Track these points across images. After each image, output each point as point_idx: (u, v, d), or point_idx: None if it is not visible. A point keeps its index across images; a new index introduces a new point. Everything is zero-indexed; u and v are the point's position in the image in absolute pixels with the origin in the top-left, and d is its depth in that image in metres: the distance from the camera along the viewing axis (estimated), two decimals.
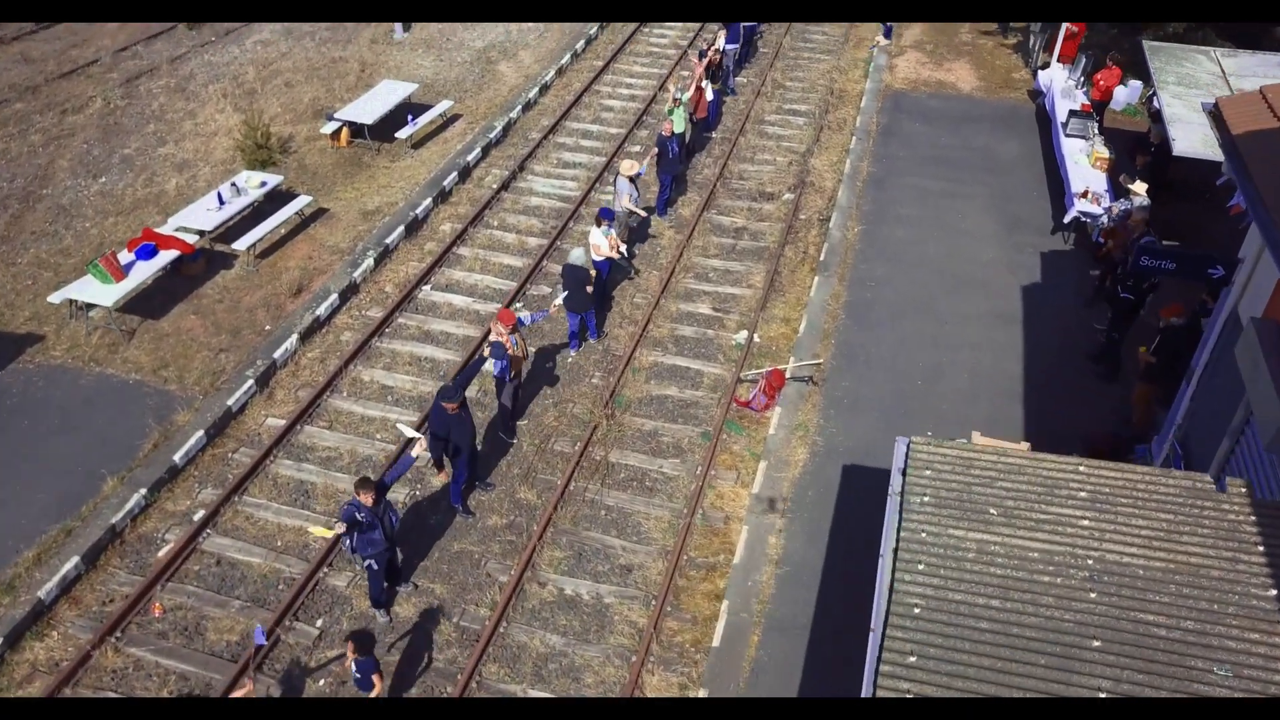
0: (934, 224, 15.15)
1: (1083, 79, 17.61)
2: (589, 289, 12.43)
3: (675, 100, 15.96)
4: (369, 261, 14.28)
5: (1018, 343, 12.63)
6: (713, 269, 14.70)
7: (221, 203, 14.18)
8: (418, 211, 15.54)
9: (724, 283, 14.41)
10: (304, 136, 17.80)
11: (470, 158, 17.13)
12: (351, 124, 17.23)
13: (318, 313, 13.21)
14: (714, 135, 18.52)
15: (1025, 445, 9.83)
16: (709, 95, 17.44)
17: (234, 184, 14.45)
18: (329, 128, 17.14)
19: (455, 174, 16.61)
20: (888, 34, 21.64)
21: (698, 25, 22.99)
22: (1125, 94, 18.13)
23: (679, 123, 16.20)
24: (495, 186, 16.63)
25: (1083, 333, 12.80)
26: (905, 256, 14.38)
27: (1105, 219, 13.31)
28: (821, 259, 14.40)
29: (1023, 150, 17.27)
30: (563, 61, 20.93)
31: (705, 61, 17.96)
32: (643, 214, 14.74)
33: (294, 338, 12.75)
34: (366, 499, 8.43)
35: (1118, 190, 14.46)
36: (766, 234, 15.50)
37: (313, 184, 16.37)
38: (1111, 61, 16.80)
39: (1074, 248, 14.61)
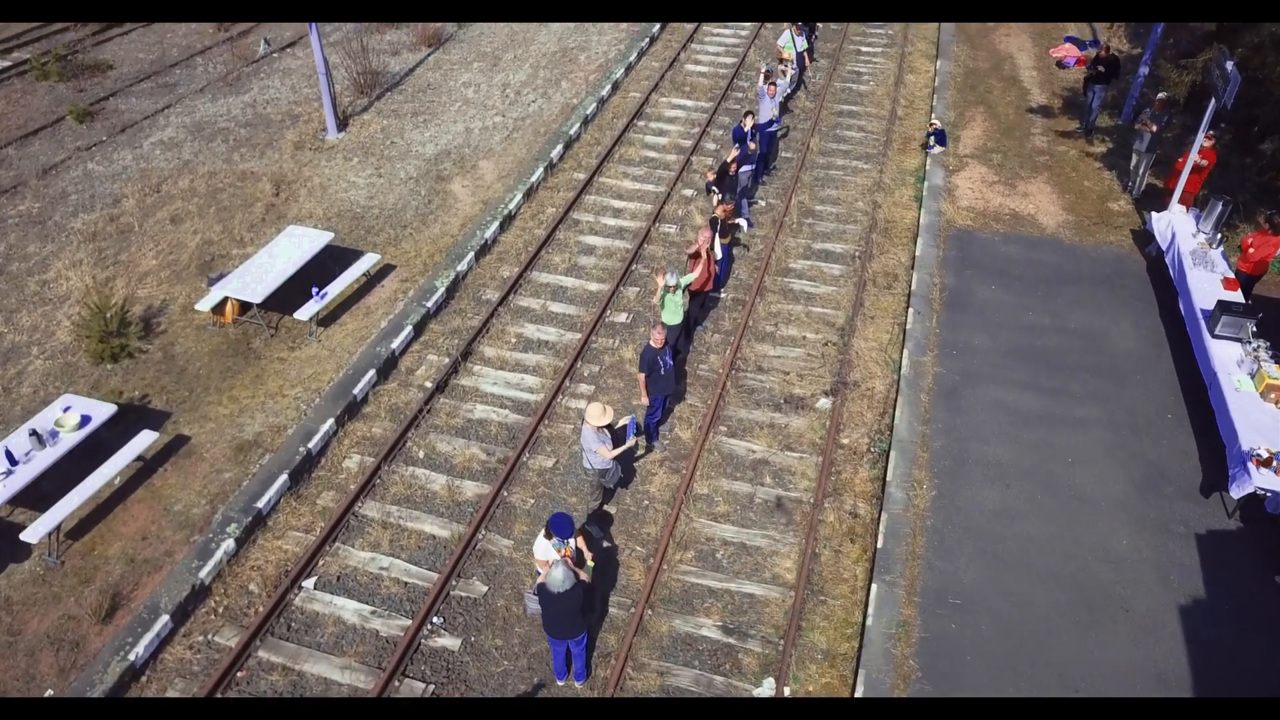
0: (1035, 478, 10.70)
1: (1219, 236, 13.14)
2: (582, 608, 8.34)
3: (670, 288, 11.56)
4: (228, 544, 9.91)
5: None
6: (722, 544, 10.30)
7: (12, 464, 9.82)
8: (313, 443, 11.17)
9: (739, 572, 10.00)
10: (180, 304, 13.44)
11: (397, 342, 12.75)
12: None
13: (133, 655, 8.83)
14: (723, 295, 14.12)
15: None
16: (718, 253, 13.04)
17: (34, 431, 10.06)
18: (207, 302, 12.77)
19: (373, 371, 12.24)
20: (942, 139, 17.18)
21: (706, 119, 18.59)
22: None
23: (672, 314, 11.81)
24: (429, 386, 12.27)
25: None
26: (1000, 545, 9.93)
27: None
28: (880, 544, 9.96)
29: (1142, 337, 12.80)
30: (534, 178, 16.53)
31: (716, 208, 13.58)
32: (620, 474, 10.39)
33: None
34: None
35: None
36: (797, 475, 11.10)
37: (175, 391, 12.00)
38: (1268, 223, 12.34)
39: (1244, 525, 10.16)
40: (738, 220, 14.26)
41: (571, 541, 8.65)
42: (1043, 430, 11.31)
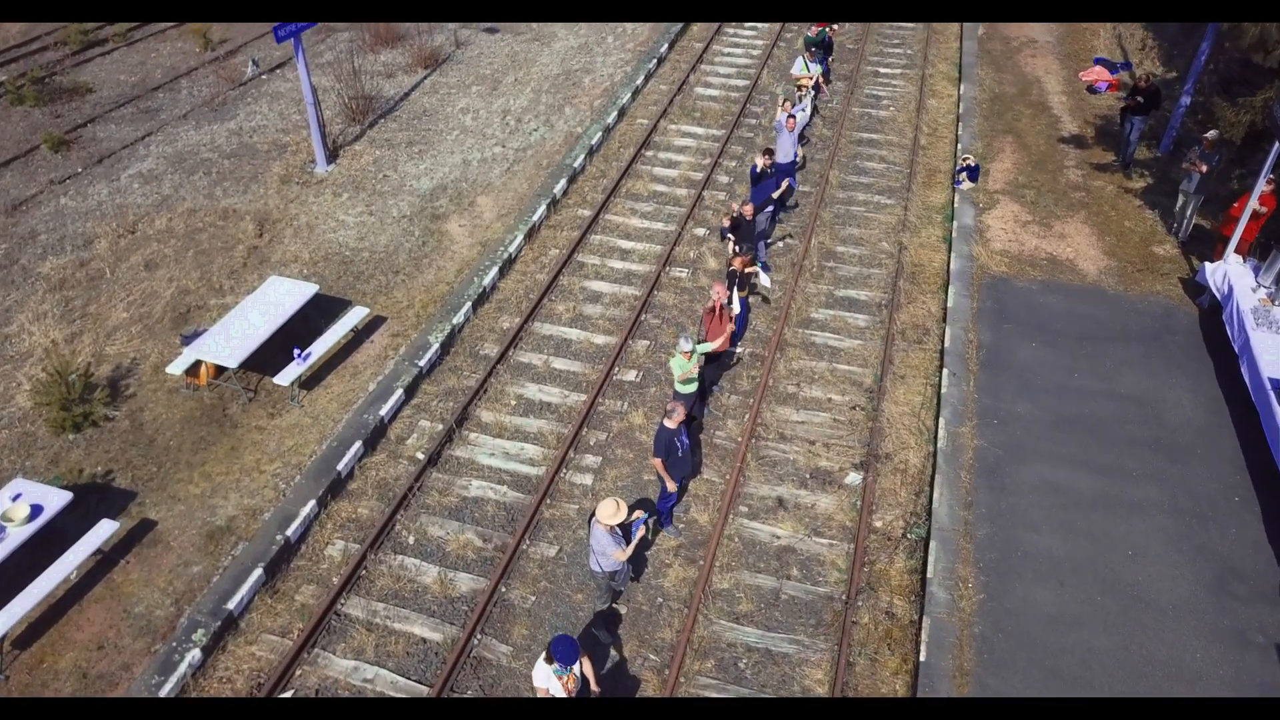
0: (1093, 576, 9.63)
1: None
2: None
3: (685, 353, 10.50)
4: (194, 655, 8.85)
5: None
6: (745, 650, 9.23)
7: None
8: (291, 530, 10.10)
9: (764, 685, 8.91)
10: (152, 363, 12.39)
11: (386, 407, 11.69)
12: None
13: None
14: (740, 350, 13.06)
15: None
16: (735, 308, 11.96)
17: None
18: (179, 364, 11.70)
19: (360, 443, 11.19)
20: (973, 175, 16.11)
21: (718, 149, 17.52)
22: None
23: (688, 382, 10.74)
24: (420, 458, 11.23)
25: None
26: (1058, 660, 8.84)
27: None
28: (923, 657, 8.90)
29: (1200, 404, 11.72)
30: (535, 216, 15.46)
31: (733, 259, 12.52)
32: (631, 573, 9.36)
33: None
34: None
35: None
36: (827, 565, 10.04)
37: (142, 466, 10.94)
38: None
39: None
40: (756, 268, 13.19)
41: (575, 667, 7.60)
42: (1097, 516, 10.24)
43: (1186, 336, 12.82)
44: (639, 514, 8.76)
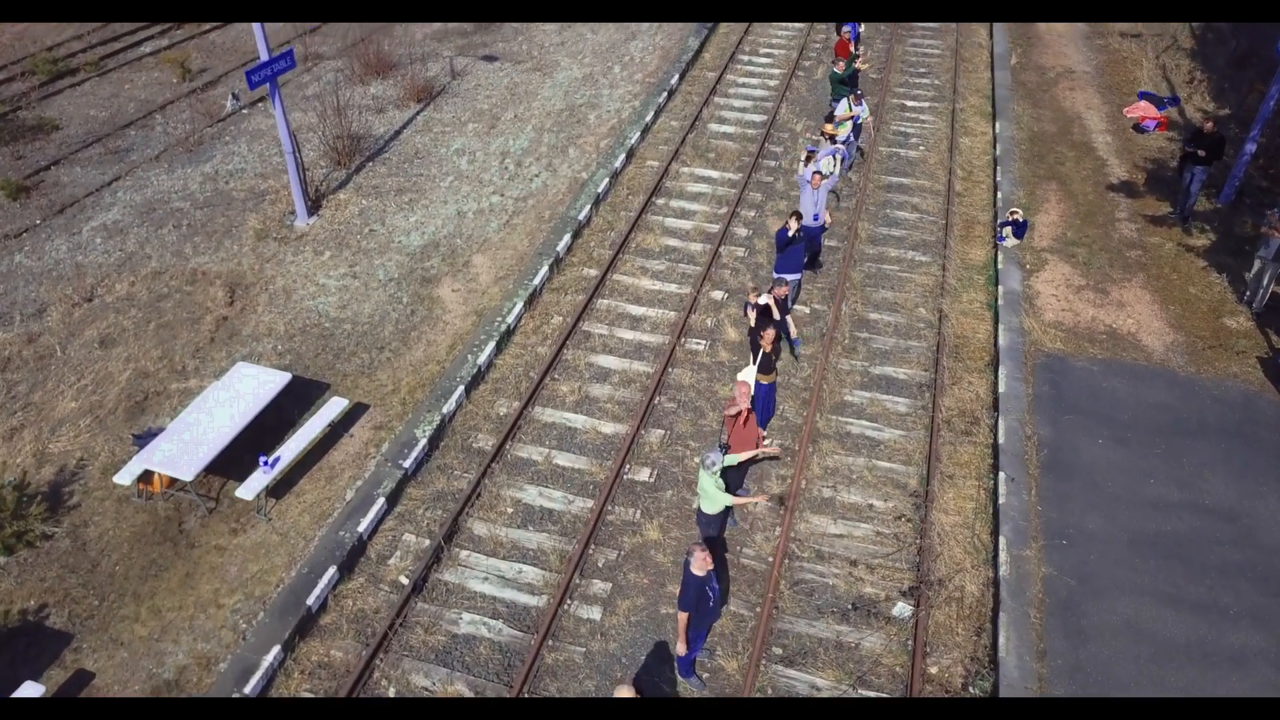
0: None
1: None
2: None
3: (712, 468, 9.02)
4: None
5: None
6: None
7: None
8: (251, 685, 8.63)
9: None
10: (101, 464, 10.92)
11: (365, 522, 10.22)
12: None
13: None
14: (768, 441, 11.56)
15: None
16: (750, 386, 10.44)
17: None
18: (127, 474, 10.21)
19: (334, 568, 9.72)
20: (1019, 232, 14.60)
21: (735, 196, 16.03)
22: None
23: (712, 499, 9.25)
24: (404, 583, 9.77)
25: None
26: None
27: None
28: None
29: None
30: (536, 279, 13.98)
31: (761, 338, 11.03)
32: None
33: None
34: None
35: None
36: None
37: (82, 599, 9.47)
38: None
39: None
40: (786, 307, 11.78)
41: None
42: (1193, 671, 8.76)
43: (1273, 432, 11.33)
44: None
